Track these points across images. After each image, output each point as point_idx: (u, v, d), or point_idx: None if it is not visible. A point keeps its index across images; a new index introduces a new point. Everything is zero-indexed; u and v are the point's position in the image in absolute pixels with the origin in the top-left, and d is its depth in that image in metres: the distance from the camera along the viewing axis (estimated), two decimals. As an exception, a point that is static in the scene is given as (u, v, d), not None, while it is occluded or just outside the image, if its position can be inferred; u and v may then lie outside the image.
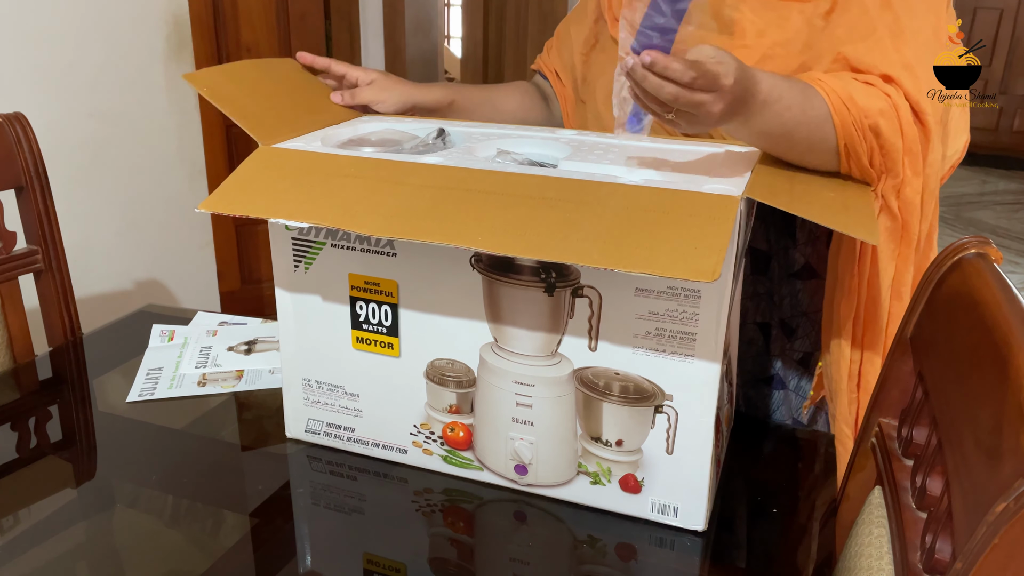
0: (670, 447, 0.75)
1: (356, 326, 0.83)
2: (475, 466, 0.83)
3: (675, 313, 0.71)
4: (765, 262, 1.03)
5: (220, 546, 0.76)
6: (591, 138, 0.91)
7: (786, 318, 1.04)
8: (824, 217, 0.73)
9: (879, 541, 0.68)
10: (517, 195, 0.71)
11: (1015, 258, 4.00)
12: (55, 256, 1.18)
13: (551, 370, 0.77)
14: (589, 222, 0.67)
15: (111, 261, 2.10)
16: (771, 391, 1.07)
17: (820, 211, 0.74)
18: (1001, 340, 0.55)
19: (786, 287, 1.03)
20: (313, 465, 0.87)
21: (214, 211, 0.75)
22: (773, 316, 1.05)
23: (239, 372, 1.05)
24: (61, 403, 1.02)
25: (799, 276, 1.02)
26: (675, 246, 0.63)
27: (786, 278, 1.03)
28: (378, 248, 0.80)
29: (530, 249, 0.66)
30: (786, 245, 1.01)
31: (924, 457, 0.68)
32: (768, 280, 1.03)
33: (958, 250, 0.70)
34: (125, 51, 2.06)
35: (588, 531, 0.78)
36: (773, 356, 1.06)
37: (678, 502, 0.77)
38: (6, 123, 1.12)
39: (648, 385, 0.74)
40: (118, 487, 0.85)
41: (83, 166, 1.99)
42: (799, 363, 1.05)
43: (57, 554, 0.74)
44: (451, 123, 0.98)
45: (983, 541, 0.46)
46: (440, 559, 0.74)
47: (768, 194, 0.72)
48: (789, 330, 1.04)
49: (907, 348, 0.76)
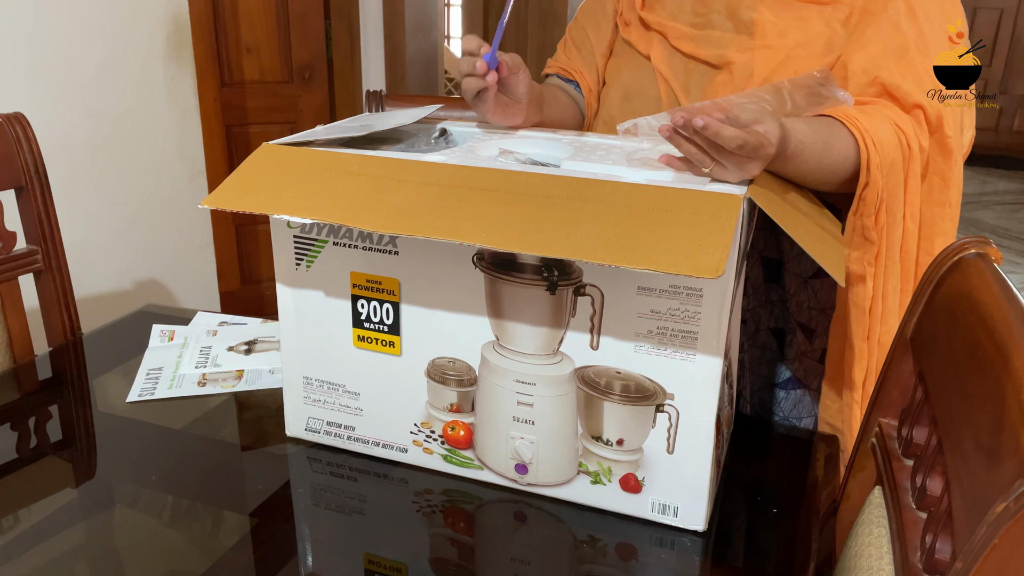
0: (671, 446, 0.75)
1: (357, 324, 0.83)
2: (475, 465, 0.83)
3: (677, 312, 0.71)
4: (778, 269, 1.03)
5: (220, 546, 0.76)
6: (592, 139, 0.91)
7: (804, 321, 1.04)
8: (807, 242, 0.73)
9: (879, 541, 0.68)
10: (521, 193, 0.71)
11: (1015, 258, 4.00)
12: (55, 256, 1.18)
13: (552, 369, 0.77)
14: (593, 220, 0.67)
15: (111, 261, 2.10)
16: (787, 393, 1.07)
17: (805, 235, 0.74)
18: (1001, 340, 0.55)
19: (803, 292, 1.03)
20: (313, 465, 0.87)
21: (217, 207, 0.75)
22: (789, 322, 1.05)
23: (239, 372, 1.05)
24: (61, 403, 1.01)
25: (816, 277, 1.03)
26: (679, 243, 0.63)
27: (803, 283, 1.03)
28: (380, 246, 0.80)
29: (534, 246, 0.66)
30: (799, 252, 1.01)
31: (924, 457, 0.68)
32: (781, 288, 1.04)
33: (958, 250, 0.70)
34: (125, 51, 2.06)
35: (588, 531, 0.78)
36: (789, 360, 1.06)
37: (678, 502, 0.77)
38: (6, 123, 1.12)
39: (649, 384, 0.74)
40: (118, 487, 0.85)
41: (83, 166, 1.99)
42: (819, 361, 1.05)
43: (57, 554, 0.74)
44: (453, 123, 0.98)
45: (983, 541, 0.46)
46: (441, 559, 0.74)
47: (766, 202, 0.72)
48: (808, 331, 1.04)
49: (907, 348, 0.76)
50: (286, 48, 2.70)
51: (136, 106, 2.12)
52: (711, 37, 0.97)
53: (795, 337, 1.05)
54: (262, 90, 2.66)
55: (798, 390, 1.07)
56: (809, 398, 1.06)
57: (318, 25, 2.77)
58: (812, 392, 1.06)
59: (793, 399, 1.07)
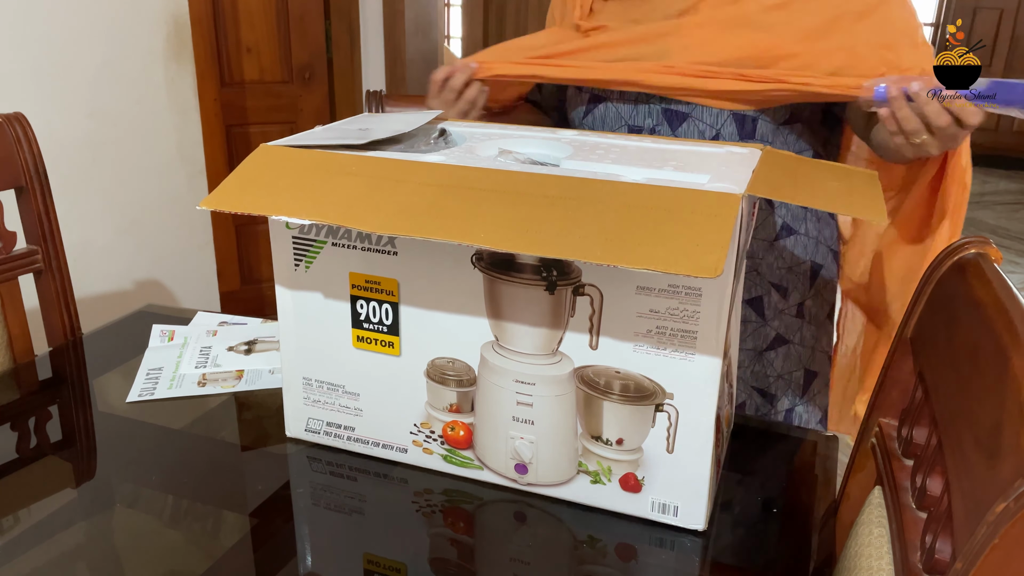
0: (670, 446, 0.75)
1: (356, 325, 0.83)
2: (475, 465, 0.83)
3: (676, 311, 0.72)
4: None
5: (220, 546, 0.76)
6: (592, 138, 0.91)
7: (777, 281, 1.09)
8: (830, 204, 0.74)
9: (879, 541, 0.68)
10: (519, 193, 0.71)
11: (1015, 258, 4.00)
12: (55, 256, 1.18)
13: (552, 368, 0.77)
14: (591, 219, 0.67)
15: (111, 261, 2.10)
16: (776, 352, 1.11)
17: (825, 199, 0.75)
18: (1001, 340, 0.55)
19: (771, 254, 1.08)
20: (313, 465, 0.87)
21: (215, 208, 0.75)
22: (763, 285, 1.09)
23: (239, 372, 1.05)
24: (61, 403, 1.01)
25: (778, 238, 1.07)
26: (677, 243, 0.63)
27: (768, 246, 1.08)
28: (378, 247, 0.80)
29: (532, 246, 0.66)
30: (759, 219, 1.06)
31: (924, 457, 0.68)
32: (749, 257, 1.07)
33: (958, 250, 0.70)
34: (125, 51, 2.06)
35: (588, 531, 0.78)
36: (770, 320, 1.10)
37: (678, 501, 0.77)
38: (6, 123, 1.12)
39: (649, 383, 0.74)
40: (118, 487, 0.85)
41: (83, 166, 1.99)
42: (796, 316, 1.10)
43: (57, 554, 0.74)
44: (453, 123, 0.98)
45: (983, 541, 0.46)
46: (440, 559, 0.74)
47: (770, 190, 0.72)
48: (782, 289, 1.09)
49: (907, 348, 0.76)
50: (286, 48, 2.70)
51: (136, 106, 2.12)
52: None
53: (771, 297, 1.09)
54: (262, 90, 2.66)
55: (784, 347, 1.10)
56: (795, 352, 1.11)
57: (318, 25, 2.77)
58: (795, 346, 1.10)
59: (782, 355, 1.11)
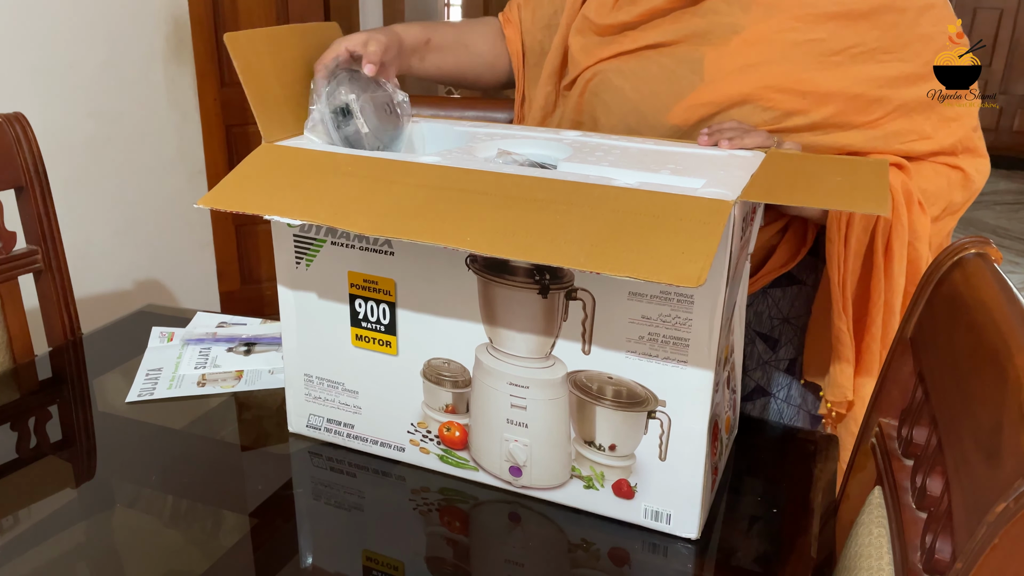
0: (663, 453, 0.75)
1: (355, 323, 0.83)
2: (471, 466, 0.83)
3: (668, 318, 0.71)
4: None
5: (220, 546, 0.76)
6: (593, 139, 0.91)
7: (766, 330, 1.04)
8: (828, 201, 0.72)
9: (879, 541, 0.68)
10: (509, 196, 0.71)
11: (1015, 258, 4.00)
12: (55, 256, 1.18)
13: (545, 372, 0.77)
14: (578, 225, 0.66)
15: (111, 261, 2.10)
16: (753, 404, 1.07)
17: (824, 196, 0.73)
18: (1001, 340, 0.55)
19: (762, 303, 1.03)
20: (314, 461, 0.87)
21: (213, 207, 0.75)
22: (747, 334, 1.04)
23: (239, 372, 1.05)
24: (61, 403, 1.01)
25: (777, 285, 1.02)
26: (663, 251, 0.62)
27: (761, 294, 1.03)
28: (376, 246, 0.79)
29: (518, 251, 0.66)
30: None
31: (924, 457, 0.68)
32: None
33: (958, 250, 0.70)
34: (125, 51, 2.06)
35: (582, 535, 0.78)
36: (750, 371, 1.06)
37: (671, 509, 0.76)
38: (6, 123, 1.12)
39: (641, 390, 0.74)
40: (118, 487, 0.85)
41: (83, 166, 1.99)
42: (786, 372, 1.05)
43: (57, 554, 0.74)
44: (453, 123, 0.98)
45: (983, 541, 0.46)
46: (437, 558, 0.74)
47: (764, 194, 0.71)
48: (771, 340, 1.04)
49: (907, 348, 0.76)
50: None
51: (136, 106, 2.12)
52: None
53: (755, 348, 1.05)
54: (262, 90, 2.65)
55: (762, 399, 1.07)
56: (775, 405, 1.07)
57: (318, 25, 2.77)
58: (778, 401, 1.07)
59: (759, 407, 1.08)
